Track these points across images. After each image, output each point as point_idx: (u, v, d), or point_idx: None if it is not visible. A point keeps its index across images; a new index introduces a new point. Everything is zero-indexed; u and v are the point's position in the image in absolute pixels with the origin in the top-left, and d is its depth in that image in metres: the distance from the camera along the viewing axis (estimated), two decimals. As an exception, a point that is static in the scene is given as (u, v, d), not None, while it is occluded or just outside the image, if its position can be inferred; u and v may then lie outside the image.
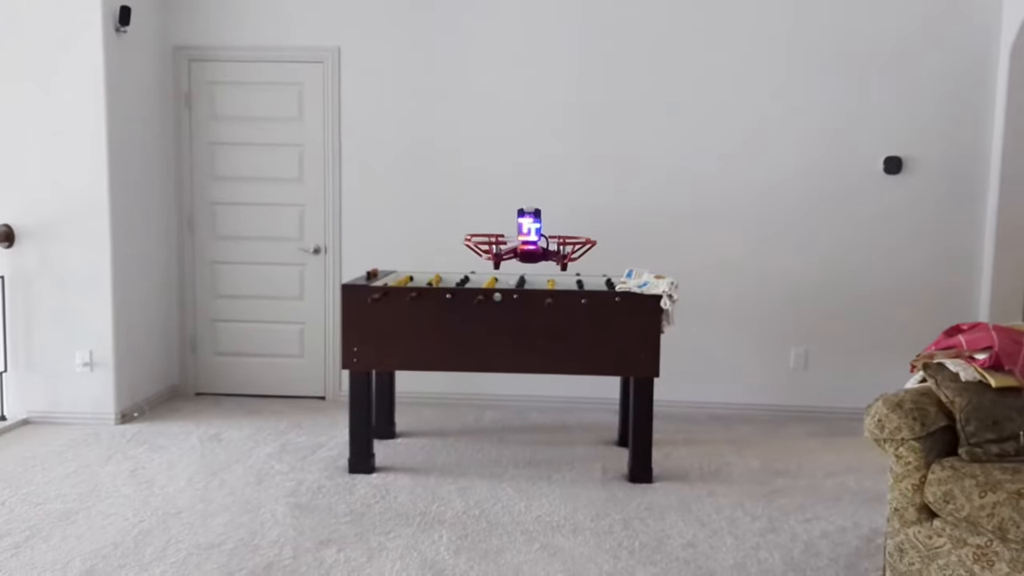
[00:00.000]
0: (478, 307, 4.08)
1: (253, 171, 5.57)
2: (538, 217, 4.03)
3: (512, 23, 5.35)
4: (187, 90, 5.53)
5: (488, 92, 5.40)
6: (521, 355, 4.12)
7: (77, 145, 4.79)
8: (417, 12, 5.37)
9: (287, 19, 5.43)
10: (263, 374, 5.69)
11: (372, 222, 5.52)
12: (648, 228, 5.37)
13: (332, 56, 5.42)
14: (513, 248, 4.11)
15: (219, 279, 5.65)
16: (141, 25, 5.07)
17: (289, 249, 5.61)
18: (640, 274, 4.12)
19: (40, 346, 4.91)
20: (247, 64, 5.50)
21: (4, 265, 4.85)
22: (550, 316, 4.06)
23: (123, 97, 4.95)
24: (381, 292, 4.11)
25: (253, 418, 5.16)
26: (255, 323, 5.68)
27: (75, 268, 4.85)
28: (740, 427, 5.12)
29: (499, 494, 3.92)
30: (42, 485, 3.94)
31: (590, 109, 5.36)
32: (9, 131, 4.79)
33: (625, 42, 5.31)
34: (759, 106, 5.27)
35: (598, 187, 5.39)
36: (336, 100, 5.46)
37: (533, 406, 5.43)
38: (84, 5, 4.70)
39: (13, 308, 4.88)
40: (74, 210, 4.82)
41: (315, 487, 3.98)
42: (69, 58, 4.74)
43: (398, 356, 4.22)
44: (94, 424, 4.89)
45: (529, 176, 5.42)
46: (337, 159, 5.51)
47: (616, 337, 4.03)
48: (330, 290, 5.60)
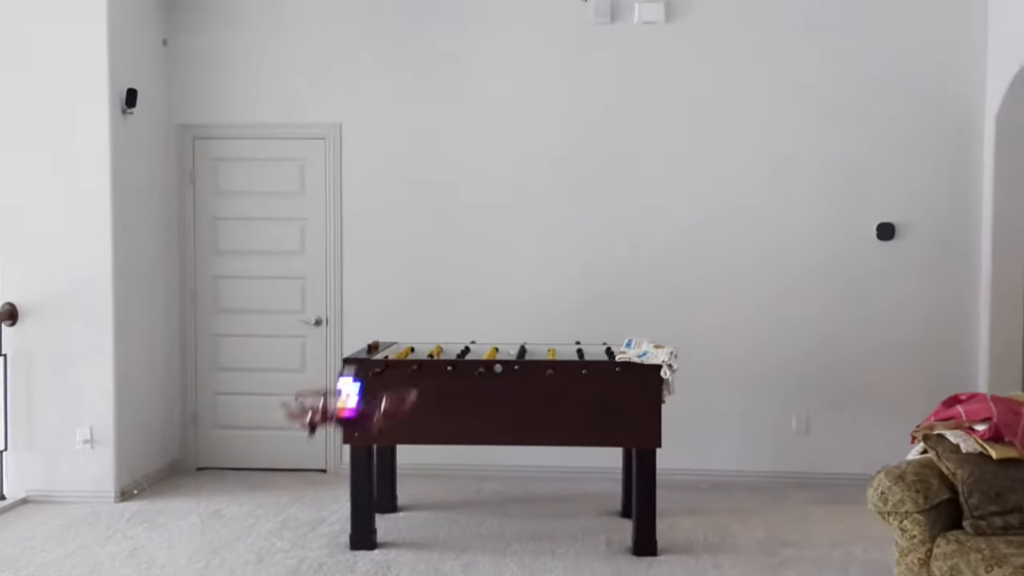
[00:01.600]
0: (479, 379, 4.09)
1: (255, 245, 5.64)
2: (360, 379, 3.70)
3: (510, 93, 5.48)
4: (191, 167, 5.64)
5: (483, 167, 5.50)
6: (523, 427, 4.13)
7: (82, 223, 4.86)
8: (417, 88, 5.50)
9: (289, 97, 5.56)
10: (265, 447, 5.67)
11: (373, 293, 5.57)
12: (646, 293, 5.42)
13: (333, 132, 5.55)
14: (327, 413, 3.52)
15: (221, 352, 5.68)
16: (146, 105, 5.19)
17: (291, 321, 5.64)
18: (639, 343, 4.16)
19: (41, 424, 4.91)
20: (250, 141, 5.62)
21: (7, 343, 4.88)
22: (551, 387, 4.07)
23: (128, 175, 5.04)
24: (382, 365, 4.14)
25: (254, 493, 5.12)
26: (257, 396, 5.67)
27: (77, 345, 4.88)
28: (743, 495, 5.08)
29: (503, 570, 3.88)
30: (42, 567, 3.90)
31: (587, 173, 5.45)
32: (15, 209, 4.87)
33: (622, 108, 5.43)
34: (758, 173, 5.37)
35: (597, 254, 5.45)
36: (337, 174, 5.56)
37: (535, 476, 5.40)
38: (91, 88, 4.82)
39: (15, 386, 4.89)
40: (77, 287, 4.87)
41: (316, 565, 3.94)
42: (76, 139, 4.84)
43: (399, 430, 4.21)
44: (94, 502, 4.85)
45: (528, 244, 5.50)
46: (338, 231, 5.58)
47: (617, 408, 4.04)
48: (331, 361, 5.60)
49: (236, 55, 5.57)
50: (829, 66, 5.32)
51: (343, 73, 5.54)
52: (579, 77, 5.46)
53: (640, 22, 5.31)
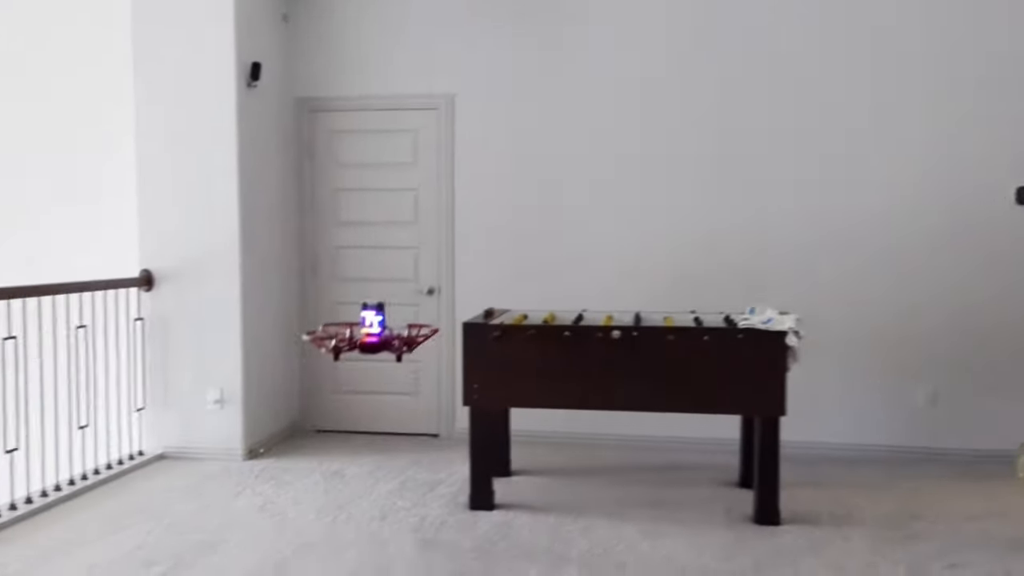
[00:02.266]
0: (596, 345, 4.09)
1: (372, 215, 5.77)
2: (381, 310, 3.78)
3: (629, 63, 5.42)
4: (309, 139, 5.80)
5: (601, 134, 5.47)
6: (641, 393, 4.10)
7: (212, 194, 5.07)
8: (530, 58, 5.51)
9: (403, 69, 5.65)
10: (379, 411, 5.83)
11: (483, 263, 5.63)
12: (764, 260, 5.30)
13: (446, 103, 5.60)
14: (353, 340, 3.84)
15: (339, 319, 5.83)
16: (268, 78, 5.36)
17: (405, 290, 5.76)
18: (763, 310, 4.06)
19: (175, 384, 5.17)
20: (365, 113, 5.74)
21: (144, 308, 5.14)
22: (670, 353, 4.03)
23: (253, 147, 5.23)
24: (502, 330, 4.18)
25: (372, 455, 5.27)
26: (372, 362, 5.80)
27: (208, 310, 5.11)
28: (866, 469, 4.94)
29: (622, 534, 3.88)
30: (182, 517, 4.12)
31: (702, 139, 5.36)
32: (149, 181, 5.11)
33: (748, 74, 5.30)
34: (890, 134, 5.17)
35: (717, 223, 5.35)
36: (450, 145, 5.62)
37: (647, 446, 5.37)
38: (220, 62, 5.01)
39: (152, 348, 5.16)
40: (208, 255, 5.09)
41: (438, 523, 4.03)
42: (205, 112, 5.04)
43: (518, 394, 4.27)
44: (224, 459, 5.09)
45: (640, 213, 5.44)
46: (450, 202, 5.65)
47: (739, 375, 3.98)
48: (444, 330, 5.70)
49: (352, 29, 5.68)
50: (978, 24, 5.04)
51: (457, 44, 5.58)
52: (696, 39, 5.36)
53: (758, -18, 5.16)
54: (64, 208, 5.46)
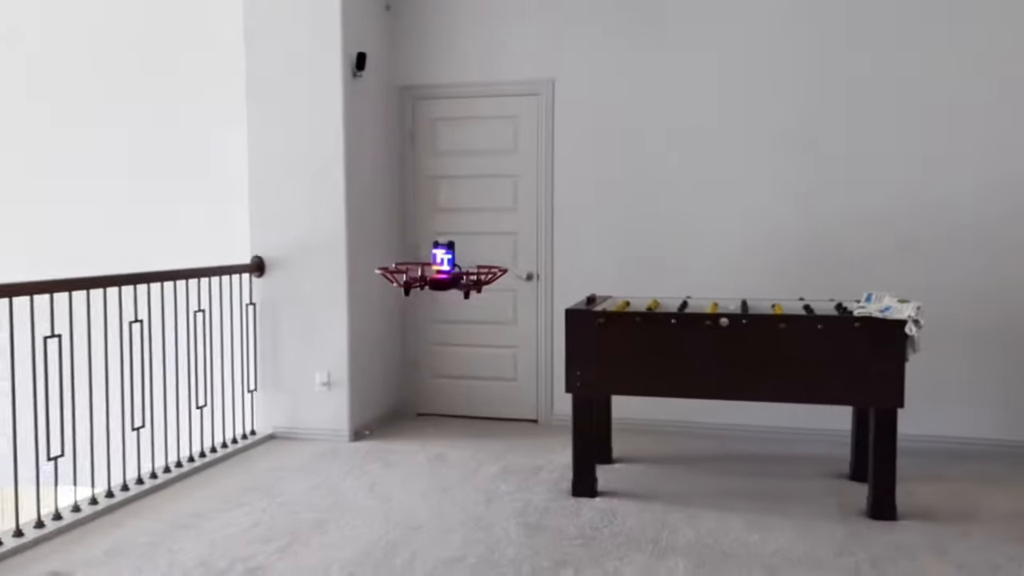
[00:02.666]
0: (703, 332, 4.02)
1: (471, 202, 5.82)
2: (451, 249, 3.80)
3: (731, 51, 5.29)
4: (411, 127, 5.88)
5: (699, 116, 5.36)
6: (749, 382, 4.02)
7: (319, 183, 5.20)
8: (630, 40, 5.44)
9: (504, 55, 5.66)
10: (478, 396, 5.89)
11: (583, 249, 5.60)
12: (874, 246, 5.11)
13: (547, 88, 5.59)
14: (424, 276, 3.87)
15: (439, 305, 5.93)
16: (371, 68, 5.44)
17: (504, 276, 5.77)
18: (881, 297, 3.91)
19: (285, 367, 5.34)
20: (465, 100, 5.78)
21: (256, 294, 5.33)
22: (781, 342, 3.93)
23: (359, 136, 5.33)
24: (605, 316, 4.15)
25: (472, 439, 5.34)
26: (471, 347, 5.90)
27: (316, 295, 5.25)
28: (989, 464, 4.71)
29: (730, 525, 3.82)
30: (295, 495, 4.27)
31: (806, 122, 5.19)
32: (262, 170, 5.28)
33: (861, 57, 5.11)
34: (1000, 113, 4.89)
35: (831, 208, 5.19)
36: (550, 130, 5.61)
37: (750, 436, 5.27)
38: (326, 53, 5.12)
39: (263, 332, 5.35)
40: (316, 241, 5.23)
41: (542, 508, 4.05)
42: (312, 102, 5.17)
43: (621, 381, 4.24)
44: (332, 440, 5.24)
45: (742, 198, 5.32)
46: (550, 188, 5.64)
47: (855, 365, 3.84)
48: (542, 315, 5.72)
49: (452, 16, 5.72)
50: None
51: (557, 29, 5.55)
52: (802, 17, 5.18)
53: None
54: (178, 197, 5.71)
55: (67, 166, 5.96)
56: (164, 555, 3.52)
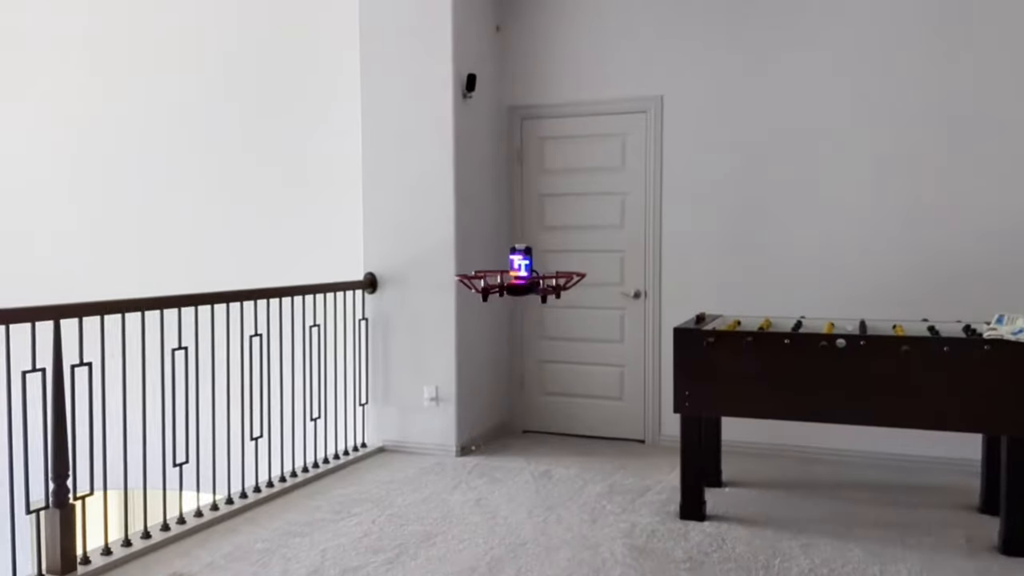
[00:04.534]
0: (819, 353, 3.87)
1: (578, 219, 5.82)
2: (528, 255, 3.68)
3: (844, 63, 5.12)
4: (519, 146, 5.94)
5: (810, 132, 5.20)
6: (868, 406, 3.85)
7: (429, 200, 5.32)
8: (737, 55, 5.34)
9: (610, 73, 5.65)
10: (584, 414, 5.86)
11: (691, 267, 5.51)
12: (999, 268, 4.81)
13: (655, 105, 5.54)
14: (500, 283, 3.78)
15: (546, 322, 5.94)
16: (481, 88, 5.54)
17: (611, 293, 5.76)
18: (1014, 320, 3.68)
19: (394, 382, 5.47)
20: (573, 119, 5.80)
21: (368, 309, 5.48)
22: (901, 365, 3.75)
23: (468, 155, 5.43)
24: (715, 336, 4.06)
25: (578, 457, 5.31)
26: (578, 364, 5.88)
27: (425, 311, 5.36)
28: None
29: (847, 555, 3.65)
30: (403, 508, 4.35)
31: (919, 138, 4.95)
32: (375, 189, 5.44)
33: (956, 72, 4.86)
34: None
35: (956, 225, 4.92)
36: (658, 147, 5.56)
37: (867, 462, 5.03)
38: (439, 75, 5.25)
39: (374, 347, 5.49)
40: (426, 259, 5.34)
41: (649, 530, 3.98)
42: (425, 122, 5.30)
43: (731, 402, 4.14)
44: (439, 454, 5.32)
45: (857, 217, 5.11)
46: (658, 206, 5.58)
47: (984, 390, 3.62)
48: (649, 334, 5.64)
49: (560, 36, 5.76)
50: None
51: (663, 45, 5.51)
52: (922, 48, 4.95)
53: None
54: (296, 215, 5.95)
55: (194, 187, 6.31)
56: (279, 562, 3.64)
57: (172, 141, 6.36)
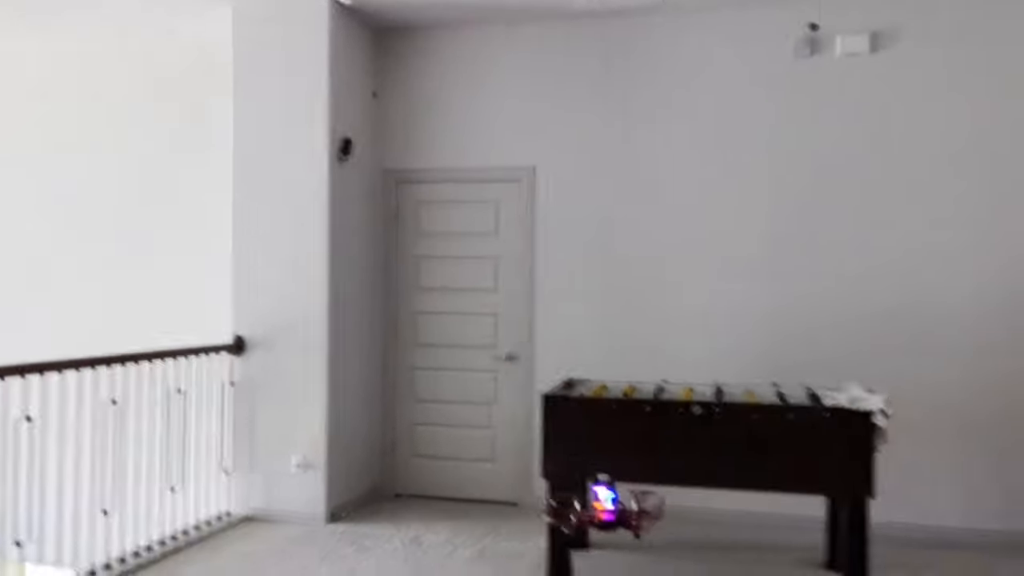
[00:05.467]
0: (677, 419, 4.04)
1: (453, 281, 5.89)
2: (612, 487, 3.69)
3: (704, 139, 5.45)
4: (395, 208, 5.99)
5: (678, 206, 5.48)
6: (721, 469, 4.03)
7: (302, 263, 5.27)
8: (608, 131, 5.59)
9: (485, 141, 5.80)
10: (457, 477, 5.85)
11: (563, 330, 5.65)
12: (846, 334, 5.16)
13: (528, 174, 5.72)
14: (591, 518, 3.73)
15: (419, 384, 5.94)
16: (357, 151, 5.57)
17: (484, 356, 5.82)
18: (849, 388, 3.96)
19: (261, 448, 5.32)
20: (448, 184, 5.90)
21: (236, 372, 5.34)
22: (752, 430, 3.96)
23: (343, 218, 5.43)
24: (581, 402, 4.18)
25: (449, 521, 5.29)
26: (451, 427, 5.89)
27: (294, 376, 5.27)
28: (969, 554, 4.69)
29: (704, 616, 3.78)
30: (267, 582, 4.21)
31: (786, 215, 5.32)
32: (246, 249, 5.35)
33: (823, 150, 5.27)
34: (973, 205, 5.03)
35: (792, 295, 5.27)
36: (531, 214, 5.72)
37: (730, 521, 5.23)
38: (314, 137, 5.25)
39: (239, 412, 5.33)
40: (297, 322, 5.27)
41: (516, 598, 4.01)
42: (298, 184, 5.28)
43: (596, 466, 4.21)
44: (308, 523, 5.18)
45: (718, 285, 5.40)
46: (530, 270, 5.73)
47: (826, 454, 3.87)
48: (522, 396, 5.73)
49: (437, 104, 5.88)
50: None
51: (538, 118, 5.71)
52: (776, 115, 5.35)
53: (843, 54, 5.14)
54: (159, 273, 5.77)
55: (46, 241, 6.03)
56: (127, 646, 3.45)
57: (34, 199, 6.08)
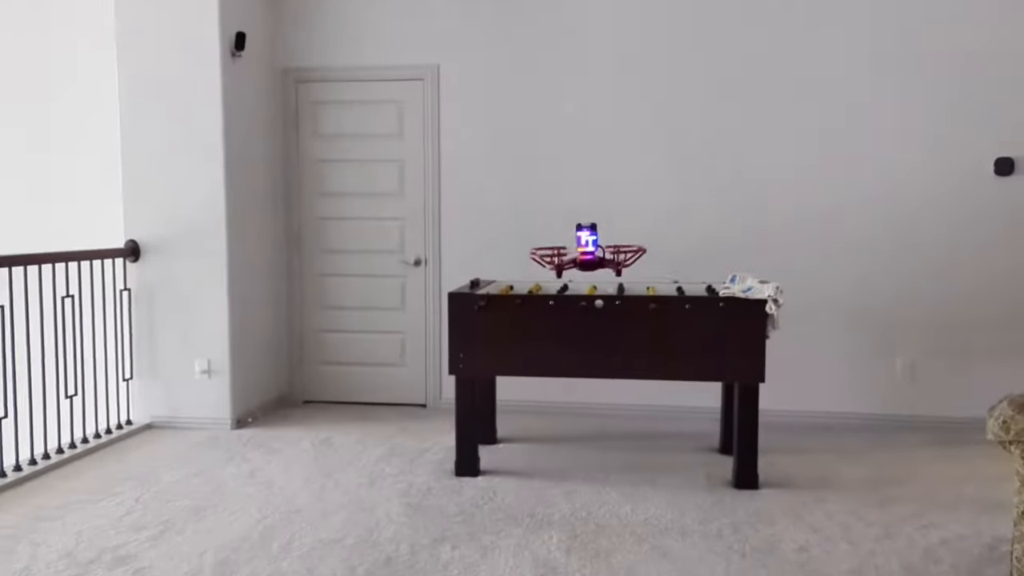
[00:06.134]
0: (580, 314, 4.14)
1: (356, 187, 5.78)
2: (594, 230, 4.07)
3: (607, 37, 5.43)
4: (295, 110, 5.79)
5: (582, 106, 5.48)
6: (624, 361, 4.16)
7: (197, 165, 5.07)
8: (513, 29, 5.51)
9: (387, 39, 5.63)
10: (367, 382, 5.88)
11: (470, 234, 5.66)
12: (749, 232, 5.35)
13: (431, 73, 5.60)
14: (573, 259, 4.19)
15: (325, 291, 5.88)
16: (252, 49, 5.34)
17: (391, 261, 5.79)
18: (744, 279, 4.12)
19: (162, 355, 5.20)
20: (349, 84, 5.73)
21: (131, 279, 5.16)
22: (653, 322, 4.09)
23: (238, 118, 5.22)
24: (486, 300, 4.22)
25: (360, 424, 5.33)
26: (359, 333, 5.87)
27: (194, 281, 5.13)
28: (846, 436, 5.03)
29: (604, 498, 3.96)
30: (171, 484, 4.17)
31: (689, 109, 5.39)
32: (136, 151, 5.11)
33: (720, 54, 5.33)
34: (865, 109, 5.21)
35: (697, 192, 5.41)
36: (435, 116, 5.63)
37: (633, 414, 5.45)
38: (203, 32, 4.99)
39: (138, 319, 5.18)
40: (194, 226, 5.10)
41: (425, 488, 4.10)
42: (190, 82, 5.03)
43: (503, 362, 4.32)
44: (212, 428, 5.14)
45: (627, 184, 5.48)
46: (436, 173, 5.67)
47: (720, 343, 4.04)
48: (430, 301, 5.75)
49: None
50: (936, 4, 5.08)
51: (441, 14, 5.57)
52: (678, 15, 5.37)
53: (744, -47, 5.17)
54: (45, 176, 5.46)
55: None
56: (25, 548, 3.39)
57: None
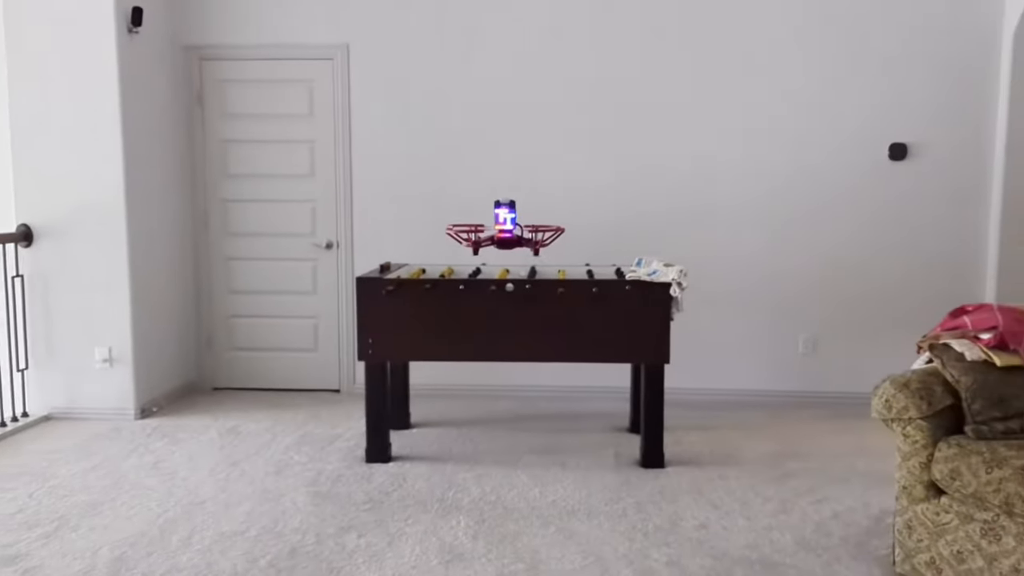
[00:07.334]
0: (491, 298, 4.14)
1: (265, 168, 5.65)
2: (513, 208, 4.11)
3: (521, 18, 5.41)
4: (199, 89, 5.61)
5: (496, 87, 5.46)
6: (533, 344, 4.19)
7: (93, 145, 4.87)
8: (425, 8, 5.43)
9: (295, 17, 5.49)
10: (278, 368, 5.78)
11: (383, 217, 5.59)
12: (657, 220, 5.43)
13: (341, 53, 5.49)
14: (491, 236, 4.22)
15: (234, 275, 5.74)
16: (152, 26, 5.14)
17: (302, 245, 5.68)
18: (649, 262, 4.19)
19: (60, 344, 5.00)
20: (257, 62, 5.57)
21: (23, 265, 4.93)
22: (562, 305, 4.12)
23: (137, 97, 5.02)
24: (395, 284, 4.18)
25: (270, 411, 5.24)
26: (270, 318, 5.76)
27: (92, 266, 4.94)
28: (749, 413, 5.19)
29: (514, 481, 3.99)
30: (67, 478, 4.03)
31: (602, 94, 5.42)
32: (26, 132, 4.87)
33: (637, 37, 5.37)
34: (766, 99, 5.33)
35: (606, 180, 5.46)
36: (346, 96, 5.53)
37: (545, 395, 5.51)
38: (97, 6, 4.77)
39: (32, 306, 4.97)
40: (91, 209, 4.90)
41: (334, 476, 4.06)
42: (84, 60, 4.81)
43: (413, 347, 4.30)
44: (115, 419, 4.98)
45: (540, 169, 5.49)
46: (347, 155, 5.58)
47: (627, 325, 4.10)
48: (343, 284, 5.67)
49: (241, -26, 5.48)
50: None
51: (350, -8, 5.46)
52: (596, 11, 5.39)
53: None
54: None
55: None
56: (-94, 551, 3.23)
57: None
